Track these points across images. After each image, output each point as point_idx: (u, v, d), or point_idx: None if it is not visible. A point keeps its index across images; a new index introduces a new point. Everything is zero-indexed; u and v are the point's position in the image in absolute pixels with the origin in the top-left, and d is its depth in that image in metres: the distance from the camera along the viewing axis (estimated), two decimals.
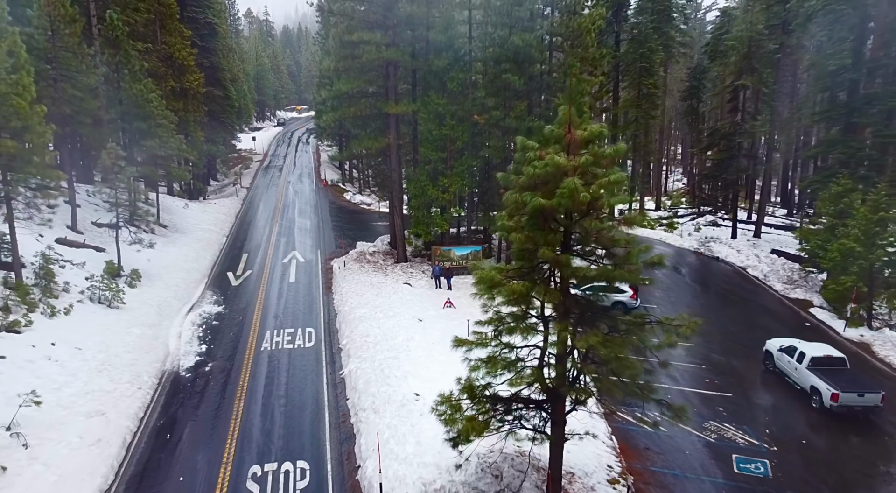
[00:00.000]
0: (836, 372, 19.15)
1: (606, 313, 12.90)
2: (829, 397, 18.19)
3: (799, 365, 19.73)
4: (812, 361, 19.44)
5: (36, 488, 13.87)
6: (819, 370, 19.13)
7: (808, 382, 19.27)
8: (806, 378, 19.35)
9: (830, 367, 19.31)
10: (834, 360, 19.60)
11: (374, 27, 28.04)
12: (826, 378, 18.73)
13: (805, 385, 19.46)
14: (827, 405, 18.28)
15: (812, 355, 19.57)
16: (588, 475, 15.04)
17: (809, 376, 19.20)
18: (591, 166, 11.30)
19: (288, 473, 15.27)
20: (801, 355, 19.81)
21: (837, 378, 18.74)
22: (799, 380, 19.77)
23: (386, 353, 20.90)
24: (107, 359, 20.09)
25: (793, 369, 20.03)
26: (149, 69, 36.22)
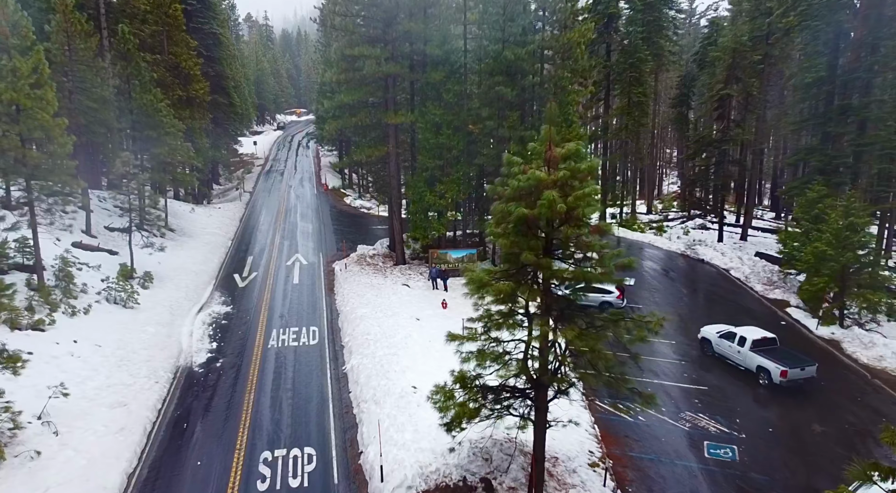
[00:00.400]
0: (774, 351, 21.35)
1: (584, 311, 14.31)
2: (778, 374, 20.25)
3: (742, 348, 21.64)
4: (754, 343, 21.43)
5: (68, 470, 15.22)
6: (762, 351, 21.19)
7: (753, 363, 21.19)
8: (751, 360, 21.26)
9: (768, 347, 21.48)
10: (769, 340, 21.75)
11: (374, 42, 29.47)
12: (771, 358, 20.80)
13: (750, 366, 21.35)
14: (776, 382, 20.31)
15: (752, 338, 21.57)
16: (571, 459, 16.43)
17: (755, 358, 21.15)
18: (569, 180, 12.72)
19: (296, 458, 16.64)
20: (742, 339, 21.73)
21: (780, 356, 20.93)
22: (743, 362, 21.64)
23: (386, 350, 22.27)
24: (125, 355, 21.47)
25: (735, 353, 21.89)
26: (157, 79, 37.59)
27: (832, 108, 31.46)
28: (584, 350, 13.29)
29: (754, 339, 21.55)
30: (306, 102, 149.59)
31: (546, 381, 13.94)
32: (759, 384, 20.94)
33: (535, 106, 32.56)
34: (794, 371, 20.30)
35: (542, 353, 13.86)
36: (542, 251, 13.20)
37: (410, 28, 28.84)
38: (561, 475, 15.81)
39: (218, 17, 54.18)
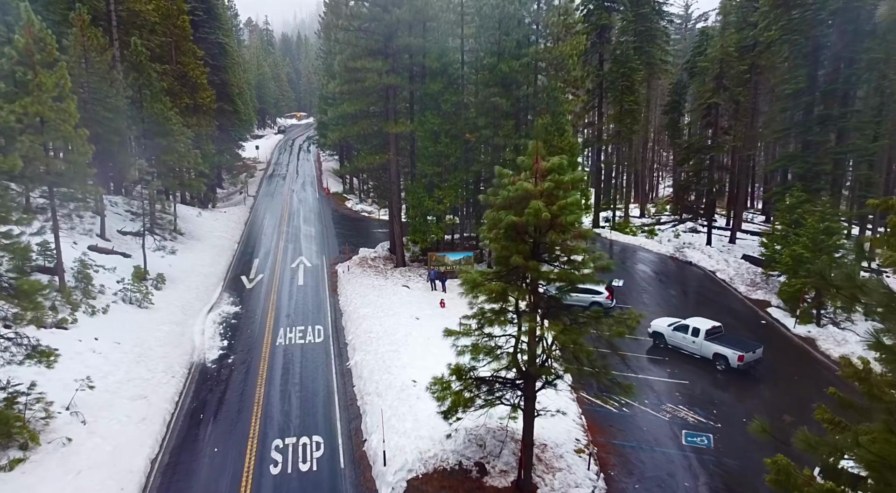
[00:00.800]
0: (724, 338, 23.38)
1: (569, 309, 15.69)
2: (736, 359, 22.15)
3: (696, 338, 23.34)
4: (707, 333, 23.24)
5: (97, 455, 16.55)
6: (715, 339, 23.09)
7: (710, 351, 22.93)
8: (707, 348, 22.99)
9: (719, 335, 23.50)
10: (718, 329, 23.79)
11: (376, 54, 30.87)
12: (725, 344, 22.75)
13: (707, 354, 23.08)
14: (734, 366, 22.17)
15: (705, 329, 23.38)
16: (558, 445, 17.78)
17: (711, 346, 22.91)
18: (554, 191, 14.10)
19: (305, 445, 17.97)
20: (696, 331, 23.46)
21: (732, 343, 22.94)
22: (699, 351, 23.31)
23: (387, 347, 23.62)
24: (142, 352, 22.80)
25: (690, 343, 23.56)
26: (166, 88, 38.98)
27: (812, 117, 32.90)
28: (567, 344, 14.68)
29: (707, 329, 23.41)
30: (306, 105, 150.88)
31: (534, 372, 15.29)
32: (717, 370, 22.69)
33: (529, 115, 33.96)
34: (748, 355, 22.36)
35: (530, 347, 15.21)
36: (529, 255, 14.56)
37: (410, 42, 30.25)
38: (549, 459, 17.16)
39: (223, 27, 55.60)
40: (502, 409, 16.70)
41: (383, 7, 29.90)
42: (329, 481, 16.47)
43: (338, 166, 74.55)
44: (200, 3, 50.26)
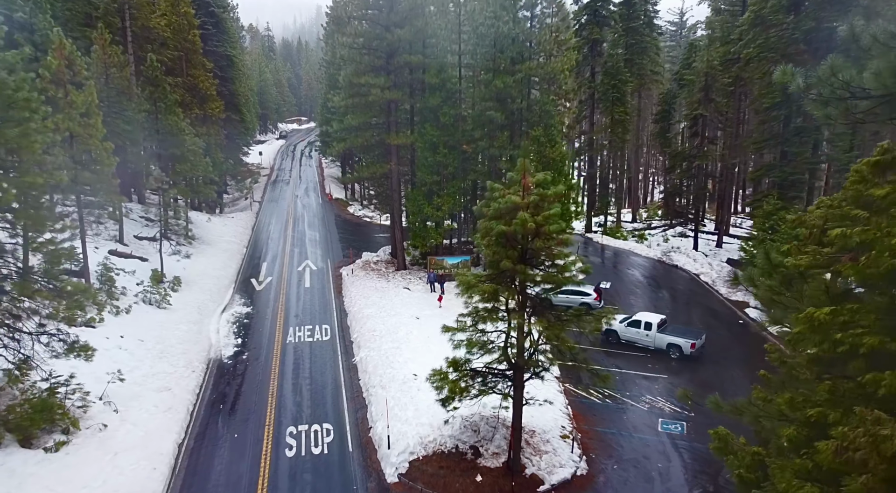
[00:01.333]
0: (673, 328, 25.83)
1: (553, 307, 17.51)
2: (688, 347, 24.42)
3: (650, 332, 25.45)
4: (659, 325, 25.49)
5: (130, 440, 18.32)
6: (666, 331, 25.38)
7: (664, 342, 25.06)
8: (661, 340, 25.11)
9: (667, 326, 25.85)
10: (665, 321, 26.18)
11: (378, 71, 32.74)
12: (676, 335, 25.05)
13: (661, 345, 25.17)
14: (686, 353, 24.41)
15: (657, 322, 25.60)
16: (545, 431, 19.56)
17: (665, 338, 25.07)
18: (538, 203, 15.95)
19: (317, 432, 19.75)
20: (648, 324, 25.58)
21: (681, 333, 25.31)
22: (653, 343, 25.36)
23: (390, 344, 25.42)
24: (164, 349, 24.58)
25: (644, 336, 25.59)
26: (178, 100, 40.82)
27: (789, 129, 34.81)
28: (551, 338, 16.52)
29: (657, 322, 25.60)
30: (307, 110, 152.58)
31: (522, 364, 17.10)
32: (671, 358, 24.84)
33: (522, 127, 35.84)
34: (698, 342, 24.71)
35: (518, 341, 17.02)
36: (518, 259, 16.38)
37: (410, 59, 32.13)
38: (536, 443, 18.95)
39: (231, 40, 57.52)
40: (495, 399, 18.49)
41: (385, 27, 31.79)
42: (339, 462, 18.25)
43: (339, 172, 76.55)
44: (209, 18, 52.20)
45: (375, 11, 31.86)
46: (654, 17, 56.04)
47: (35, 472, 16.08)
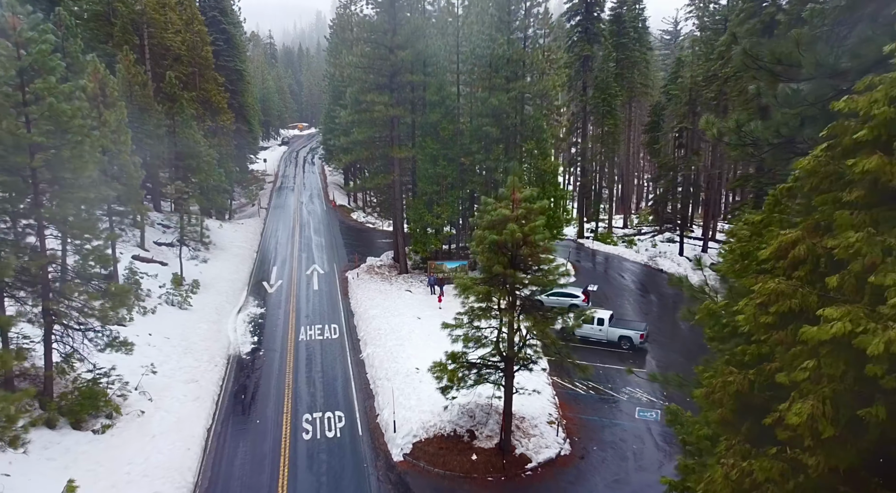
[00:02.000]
0: (622, 322, 28.65)
1: (540, 307, 19.81)
2: (638, 337, 27.20)
3: (602, 327, 27.95)
4: (610, 320, 28.09)
5: (165, 424, 20.54)
6: (616, 325, 28.04)
7: (616, 335, 27.72)
8: (613, 333, 27.77)
9: (615, 320, 28.48)
10: (613, 315, 28.72)
11: (382, 88, 35.09)
12: (625, 327, 27.87)
13: (613, 338, 27.78)
14: (637, 344, 27.15)
15: (607, 317, 28.17)
16: (534, 418, 21.81)
17: (616, 331, 27.75)
18: (525, 216, 18.26)
19: (329, 418, 21.98)
20: (601, 320, 28.05)
21: (628, 325, 28.25)
22: (606, 336, 27.89)
23: (394, 341, 27.67)
24: (188, 345, 26.82)
25: (597, 331, 28.01)
26: (192, 113, 43.14)
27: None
28: (537, 333, 18.83)
29: (608, 317, 28.22)
30: (308, 115, 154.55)
31: (512, 356, 19.37)
32: (623, 348, 27.44)
33: (516, 140, 38.21)
34: (644, 333, 27.45)
35: (509, 336, 19.30)
36: (508, 264, 18.67)
37: (412, 78, 34.50)
38: (525, 428, 21.21)
39: (240, 55, 59.92)
40: (489, 388, 20.74)
41: (389, 49, 34.17)
42: (350, 444, 20.49)
43: (342, 179, 78.83)
44: (221, 34, 54.59)
45: (379, 35, 34.23)
46: (643, 34, 58.53)
47: (86, 450, 18.30)
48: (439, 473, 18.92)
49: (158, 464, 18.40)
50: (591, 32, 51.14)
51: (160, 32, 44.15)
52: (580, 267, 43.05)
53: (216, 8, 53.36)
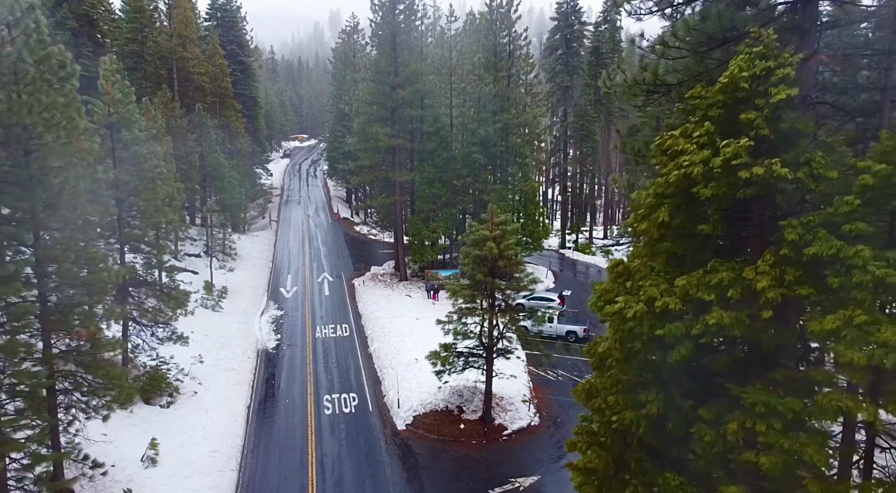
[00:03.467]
0: (568, 318, 33.62)
1: (515, 307, 24.70)
2: (582, 331, 32.27)
3: (552, 323, 32.65)
4: (558, 317, 33.14)
5: (214, 402, 25.22)
6: (563, 321, 33.10)
7: (563, 330, 32.59)
8: (561, 328, 32.67)
9: (563, 318, 33.47)
10: (563, 313, 33.84)
11: (385, 121, 40.09)
12: (571, 323, 32.92)
13: (561, 332, 32.59)
14: (581, 336, 32.08)
15: (557, 315, 33.27)
16: (511, 397, 26.57)
17: (563, 327, 32.72)
18: (502, 236, 23.20)
19: (345, 398, 26.72)
20: (551, 318, 32.73)
21: (573, 320, 33.37)
22: (555, 331, 32.68)
23: (396, 338, 32.45)
24: (224, 341, 31.54)
25: (549, 327, 32.54)
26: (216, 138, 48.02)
27: None
28: (511, 328, 23.72)
29: (557, 316, 33.34)
30: (307, 127, 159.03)
31: (491, 345, 24.23)
32: (569, 340, 32.25)
33: (502, 165, 43.24)
34: (587, 327, 32.46)
35: (489, 330, 24.18)
36: (488, 274, 23.60)
37: (411, 113, 39.53)
38: (504, 405, 26.00)
39: (255, 84, 64.93)
40: (475, 374, 25.54)
41: (391, 87, 39.21)
42: (363, 417, 25.23)
43: (344, 192, 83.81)
44: (238, 65, 59.59)
45: (383, 75, 39.27)
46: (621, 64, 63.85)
47: (157, 420, 23.01)
48: (434, 438, 23.69)
49: (213, 431, 23.12)
50: (571, 65, 56.42)
51: (187, 66, 49.10)
52: (560, 275, 47.94)
53: (234, 42, 58.36)
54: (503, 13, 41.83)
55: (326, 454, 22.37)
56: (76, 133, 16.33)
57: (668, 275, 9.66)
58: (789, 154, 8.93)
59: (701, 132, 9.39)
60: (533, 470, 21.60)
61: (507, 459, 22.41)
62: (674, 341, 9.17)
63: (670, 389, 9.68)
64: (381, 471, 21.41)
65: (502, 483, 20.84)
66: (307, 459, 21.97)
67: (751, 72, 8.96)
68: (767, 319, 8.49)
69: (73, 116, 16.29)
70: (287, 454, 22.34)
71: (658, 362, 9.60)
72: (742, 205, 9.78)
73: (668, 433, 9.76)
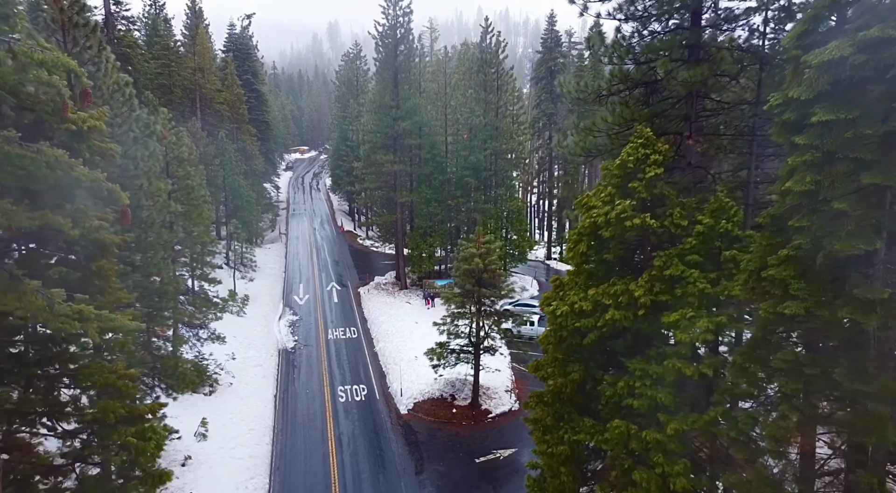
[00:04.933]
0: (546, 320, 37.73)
1: (500, 311, 29.39)
2: None
3: (533, 326, 36.82)
4: (539, 321, 36.97)
5: (247, 392, 29.76)
6: (543, 323, 36.65)
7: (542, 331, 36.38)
8: (541, 329, 36.05)
9: (542, 320, 36.88)
10: (543, 317, 36.91)
11: (387, 149, 44.91)
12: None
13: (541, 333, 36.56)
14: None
15: (537, 319, 37.30)
16: (496, 388, 31.17)
17: (542, 328, 36.04)
18: (486, 252, 27.92)
19: (356, 389, 31.25)
20: (532, 322, 36.98)
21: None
22: (536, 334, 36.31)
23: (398, 339, 37.03)
24: (250, 342, 36.07)
25: (530, 329, 36.73)
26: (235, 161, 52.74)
27: None
28: (494, 329, 28.41)
29: (538, 319, 37.30)
30: (308, 139, 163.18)
31: (478, 343, 28.87)
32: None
33: (491, 187, 48.06)
34: None
35: (477, 331, 28.83)
36: (476, 284, 28.30)
37: (411, 142, 44.38)
38: (489, 394, 30.60)
39: (267, 109, 69.85)
40: (465, 368, 30.14)
41: (393, 119, 44.05)
42: (371, 404, 29.77)
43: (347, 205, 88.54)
44: (253, 93, 64.44)
45: (386, 109, 44.13)
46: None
47: (203, 405, 27.52)
48: (431, 420, 28.26)
49: (248, 414, 27.63)
50: (555, 93, 61.45)
51: (208, 95, 53.90)
52: (543, 284, 52.63)
53: (249, 72, 63.26)
54: (492, 53, 46.82)
55: (343, 432, 26.91)
56: (156, 175, 21.05)
57: (586, 287, 14.38)
58: (659, 210, 13.72)
59: (605, 194, 14.15)
60: (511, 444, 26.17)
61: (491, 436, 27.00)
62: (587, 331, 13.89)
63: (587, 362, 14.38)
64: (388, 445, 25.96)
65: (486, 454, 25.42)
66: (327, 436, 26.51)
67: (635, 156, 13.74)
68: (643, 315, 13.22)
69: (155, 165, 21.02)
70: (310, 432, 26.88)
71: (578, 344, 14.31)
72: (637, 242, 14.53)
73: (586, 392, 14.45)
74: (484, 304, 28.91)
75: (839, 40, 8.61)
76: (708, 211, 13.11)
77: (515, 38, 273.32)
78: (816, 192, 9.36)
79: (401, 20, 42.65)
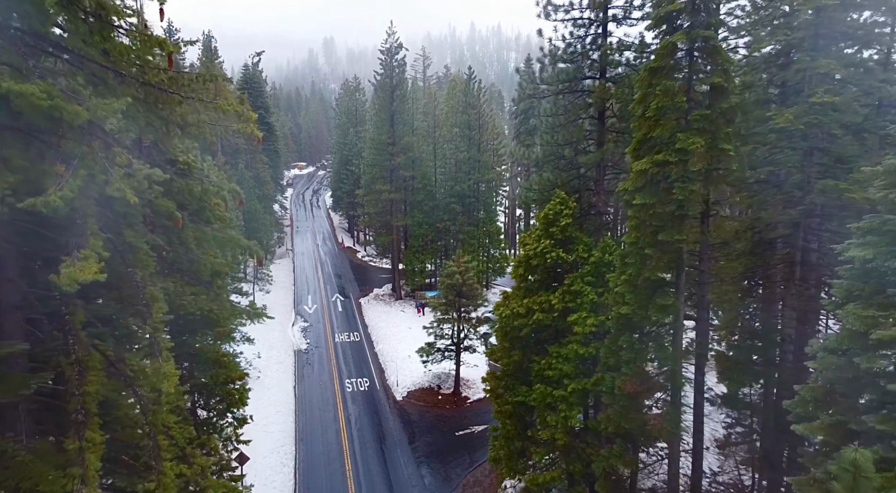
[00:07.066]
0: None
1: (478, 316, 35.85)
2: None
3: None
4: None
5: (272, 383, 35.98)
6: None
7: None
8: None
9: None
10: None
11: (385, 180, 51.54)
12: None
13: None
14: None
15: None
16: (474, 379, 37.44)
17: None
18: (465, 270, 34.46)
19: (360, 381, 37.50)
20: None
21: None
22: None
23: (394, 341, 43.35)
24: (271, 344, 42.27)
25: None
26: (252, 188, 59.11)
27: None
28: (471, 330, 34.88)
29: None
30: (305, 155, 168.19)
31: (459, 344, 35.28)
32: None
33: (474, 211, 54.74)
34: None
35: (458, 333, 35.25)
36: (457, 295, 34.78)
37: (405, 174, 51.07)
38: (469, 384, 36.95)
39: (277, 139, 76.42)
40: (449, 364, 36.51)
41: (390, 154, 50.75)
42: (373, 393, 36.03)
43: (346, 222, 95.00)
44: (264, 126, 70.91)
45: (383, 146, 50.82)
46: None
47: None
48: (421, 405, 34.56)
49: (275, 400, 33.86)
50: (533, 126, 68.41)
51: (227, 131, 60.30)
52: None
53: (262, 107, 69.75)
54: (475, 97, 53.73)
55: (351, 414, 33.16)
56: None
57: (522, 297, 20.95)
58: (569, 247, 20.37)
59: (535, 234, 20.78)
60: (484, 422, 32.43)
61: (469, 416, 33.34)
62: (522, 327, 20.45)
63: (524, 348, 20.92)
64: (387, 423, 32.23)
65: (464, 429, 31.73)
66: (338, 416, 32.76)
67: (554, 210, 20.39)
68: (557, 316, 19.78)
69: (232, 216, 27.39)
70: (324, 414, 33.12)
71: (517, 336, 20.84)
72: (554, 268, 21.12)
73: (524, 370, 20.96)
74: (463, 311, 35.39)
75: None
76: (599, 248, 19.74)
77: (508, 53, 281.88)
78: (637, 242, 16.02)
79: (396, 71, 49.54)
